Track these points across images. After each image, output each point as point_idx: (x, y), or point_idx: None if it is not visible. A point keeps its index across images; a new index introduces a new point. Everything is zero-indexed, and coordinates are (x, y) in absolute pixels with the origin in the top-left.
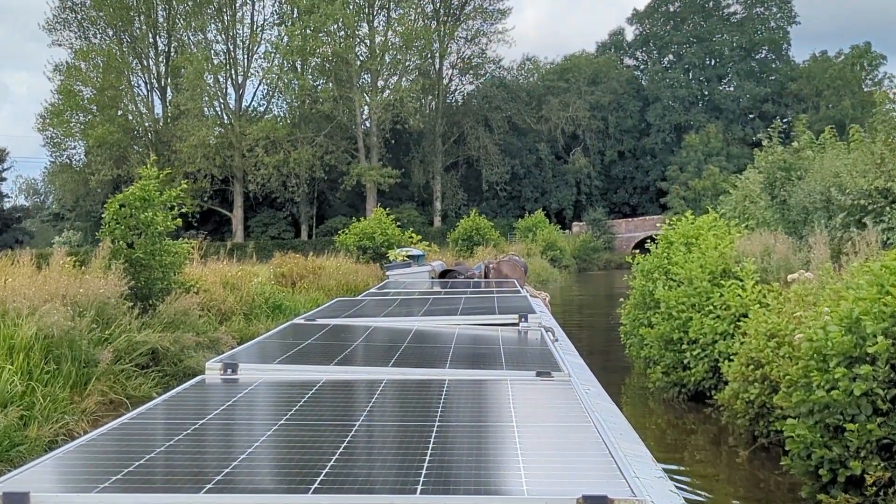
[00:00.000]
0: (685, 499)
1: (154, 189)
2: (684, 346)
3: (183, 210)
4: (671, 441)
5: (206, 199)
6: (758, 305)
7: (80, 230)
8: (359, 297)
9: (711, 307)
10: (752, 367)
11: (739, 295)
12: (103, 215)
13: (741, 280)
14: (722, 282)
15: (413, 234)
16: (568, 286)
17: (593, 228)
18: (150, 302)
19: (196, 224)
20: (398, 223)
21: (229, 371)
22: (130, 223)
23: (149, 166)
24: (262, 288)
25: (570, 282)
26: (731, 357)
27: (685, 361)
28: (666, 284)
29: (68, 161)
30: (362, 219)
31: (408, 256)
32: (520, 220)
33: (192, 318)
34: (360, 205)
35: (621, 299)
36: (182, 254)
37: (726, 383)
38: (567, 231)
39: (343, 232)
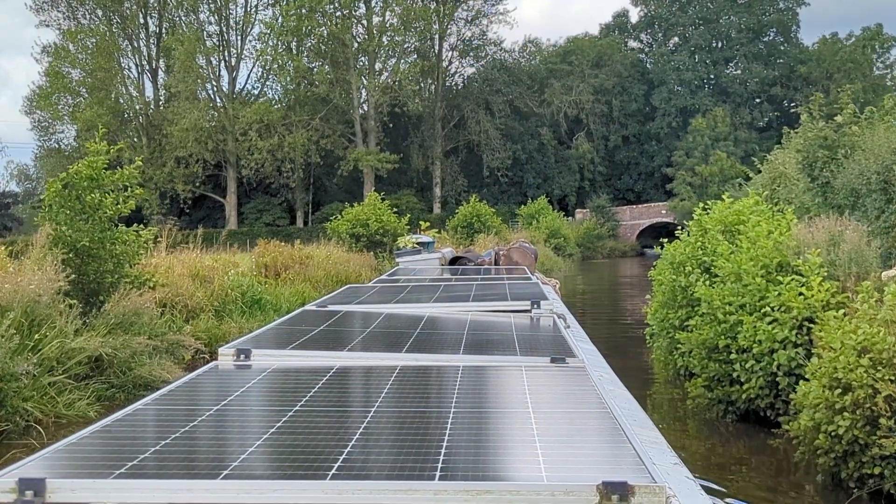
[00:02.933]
0: None
1: (103, 166)
2: (733, 356)
3: (136, 191)
4: (721, 477)
5: (198, 184)
6: (838, 309)
7: None
8: (369, 284)
9: (768, 309)
10: (838, 390)
11: (802, 293)
12: (43, 197)
13: (803, 276)
14: (779, 278)
15: (423, 222)
16: (572, 276)
17: (597, 215)
18: (100, 298)
19: (188, 210)
20: (396, 210)
21: (242, 357)
22: (76, 206)
23: (97, 140)
24: (238, 280)
25: (574, 271)
26: (794, 371)
27: (734, 374)
28: (704, 279)
29: (56, 145)
30: (356, 204)
31: (417, 243)
32: (522, 206)
33: (147, 317)
34: (358, 191)
35: (649, 296)
36: (138, 242)
37: (786, 402)
38: (570, 218)
39: (336, 218)
